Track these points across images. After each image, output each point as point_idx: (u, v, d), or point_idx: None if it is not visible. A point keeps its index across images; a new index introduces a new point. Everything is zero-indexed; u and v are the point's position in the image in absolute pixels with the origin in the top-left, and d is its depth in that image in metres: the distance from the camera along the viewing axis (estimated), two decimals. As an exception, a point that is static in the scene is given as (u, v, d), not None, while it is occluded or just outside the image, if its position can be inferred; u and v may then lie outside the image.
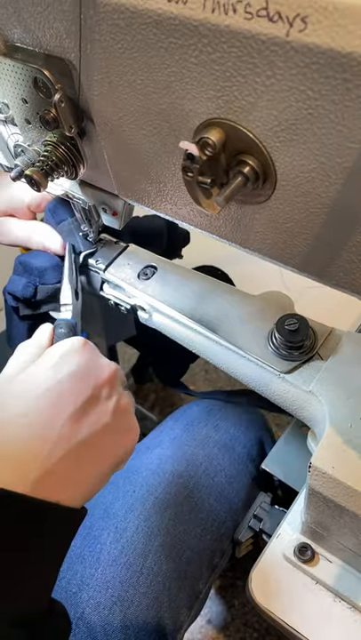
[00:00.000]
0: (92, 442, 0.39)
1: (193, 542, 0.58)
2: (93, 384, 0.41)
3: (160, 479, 0.61)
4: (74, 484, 0.37)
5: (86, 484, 0.39)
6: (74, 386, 0.39)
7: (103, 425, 0.40)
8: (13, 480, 0.34)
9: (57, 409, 0.38)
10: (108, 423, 0.41)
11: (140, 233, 0.55)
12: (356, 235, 0.29)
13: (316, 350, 0.47)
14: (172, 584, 0.55)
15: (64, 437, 0.37)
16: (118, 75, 0.32)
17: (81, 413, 0.39)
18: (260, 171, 0.29)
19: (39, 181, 0.39)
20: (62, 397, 0.39)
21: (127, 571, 0.54)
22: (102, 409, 0.41)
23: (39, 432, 0.37)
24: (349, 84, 0.23)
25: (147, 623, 0.52)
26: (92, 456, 0.39)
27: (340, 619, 0.47)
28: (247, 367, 0.49)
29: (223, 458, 0.65)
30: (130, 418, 0.44)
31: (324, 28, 0.22)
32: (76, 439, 0.38)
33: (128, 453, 0.44)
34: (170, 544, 0.57)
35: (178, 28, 0.27)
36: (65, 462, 0.37)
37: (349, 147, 0.25)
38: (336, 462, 0.40)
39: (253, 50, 0.25)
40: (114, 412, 0.42)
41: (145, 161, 0.37)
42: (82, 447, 0.38)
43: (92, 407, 0.40)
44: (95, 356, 0.43)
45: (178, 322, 0.53)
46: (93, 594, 0.53)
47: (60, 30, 0.32)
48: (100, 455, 0.40)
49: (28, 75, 0.36)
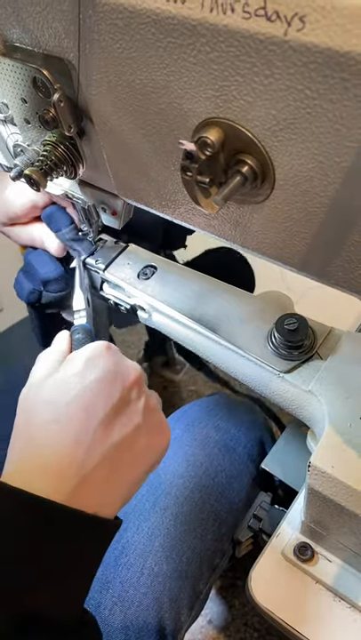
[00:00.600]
0: (126, 445, 0.39)
1: (193, 542, 0.58)
2: (121, 387, 0.40)
3: (160, 480, 0.61)
4: (110, 491, 0.37)
5: (123, 489, 0.38)
6: (102, 390, 0.39)
7: (135, 426, 0.40)
8: (51, 488, 0.34)
9: (88, 414, 0.38)
10: (140, 424, 0.40)
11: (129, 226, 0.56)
12: (354, 234, 0.29)
13: (315, 350, 0.47)
14: (172, 584, 0.55)
15: (98, 442, 0.37)
16: (117, 74, 0.32)
17: (112, 417, 0.39)
18: (258, 170, 0.29)
19: (38, 181, 0.39)
20: (92, 402, 0.38)
21: (128, 571, 0.54)
22: (132, 410, 0.41)
23: (73, 438, 0.36)
24: (347, 84, 0.23)
25: (147, 623, 0.53)
26: (126, 459, 0.39)
27: (340, 618, 0.47)
28: (247, 367, 0.49)
29: (224, 458, 0.65)
30: (160, 417, 0.44)
31: (323, 28, 0.22)
32: (110, 443, 0.38)
33: (162, 454, 0.43)
34: (170, 544, 0.57)
35: (176, 28, 0.27)
36: (101, 468, 0.36)
37: (348, 146, 0.25)
38: (335, 462, 0.40)
39: (252, 49, 0.25)
40: (144, 413, 0.41)
41: (144, 160, 0.37)
42: (116, 451, 0.38)
43: (123, 410, 0.40)
44: (120, 359, 0.43)
45: (177, 321, 0.53)
46: (94, 594, 0.53)
47: (59, 30, 0.32)
48: (134, 458, 0.40)
49: (27, 74, 0.36)
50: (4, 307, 1.37)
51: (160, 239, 0.70)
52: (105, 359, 0.41)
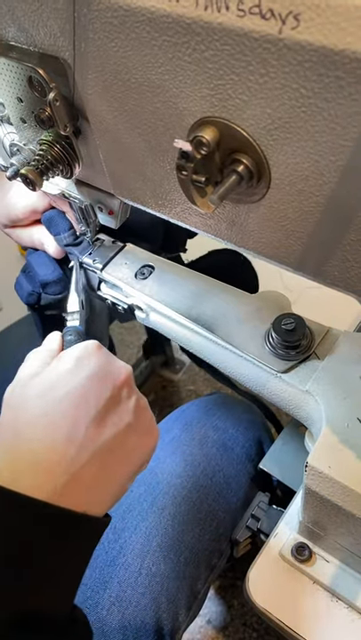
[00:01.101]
0: (117, 443, 0.39)
1: (191, 542, 0.58)
2: (112, 385, 0.40)
3: (158, 479, 0.61)
4: (100, 489, 0.37)
5: (112, 488, 0.38)
6: (94, 388, 0.39)
7: (126, 425, 0.40)
8: (41, 486, 0.34)
9: (80, 411, 0.37)
10: (131, 423, 0.40)
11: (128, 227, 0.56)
12: (350, 233, 0.29)
13: (312, 350, 0.47)
14: (170, 584, 0.55)
15: (89, 440, 0.37)
16: (112, 73, 0.32)
17: (104, 415, 0.39)
18: (254, 169, 0.29)
19: (34, 180, 0.38)
20: (84, 400, 0.38)
21: (125, 571, 0.54)
22: (123, 409, 0.41)
23: (64, 435, 0.36)
24: (342, 82, 0.23)
25: (145, 623, 0.52)
26: (117, 458, 0.39)
27: (338, 618, 0.47)
28: (244, 366, 0.49)
29: (222, 458, 0.65)
30: (150, 417, 0.44)
31: (317, 26, 0.22)
32: (101, 441, 0.38)
33: (150, 454, 0.43)
34: (168, 544, 0.57)
35: (171, 26, 0.26)
36: (90, 467, 0.36)
37: (343, 144, 0.25)
38: (333, 462, 0.40)
39: (246, 47, 0.24)
40: (135, 412, 0.41)
41: (140, 160, 0.37)
42: (107, 450, 0.38)
43: (114, 408, 0.40)
44: (110, 359, 0.43)
45: (175, 321, 0.53)
46: (91, 594, 0.53)
47: (54, 29, 0.32)
48: (125, 457, 0.40)
49: (22, 74, 0.36)
50: (4, 306, 1.37)
51: (160, 240, 0.70)
52: (96, 358, 0.41)
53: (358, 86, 0.22)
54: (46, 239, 0.59)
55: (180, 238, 0.74)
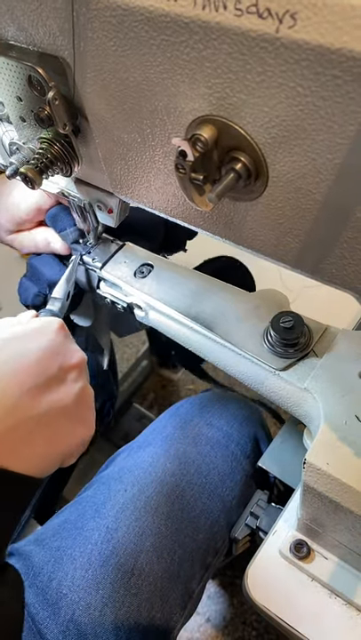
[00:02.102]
0: (48, 421, 0.39)
1: (185, 541, 0.58)
2: (60, 365, 0.40)
3: (152, 478, 0.61)
4: (20, 459, 0.37)
5: (33, 464, 0.38)
6: (40, 361, 0.39)
7: (63, 407, 0.40)
8: None
9: (17, 379, 0.38)
10: (69, 407, 0.40)
11: (129, 225, 0.56)
12: (347, 230, 0.29)
13: (311, 348, 0.47)
14: (164, 584, 0.55)
15: (19, 408, 0.37)
16: (111, 72, 0.32)
17: (42, 390, 0.39)
18: (252, 167, 0.29)
19: (33, 179, 0.39)
20: (25, 369, 0.38)
21: (118, 571, 0.54)
22: (64, 391, 0.40)
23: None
24: (339, 81, 0.23)
25: (138, 624, 0.52)
26: (44, 435, 0.38)
27: (336, 615, 0.47)
28: (243, 364, 0.50)
29: (216, 455, 0.64)
30: (91, 409, 0.44)
31: (314, 25, 0.22)
32: (32, 413, 0.37)
33: (80, 447, 0.43)
34: (162, 544, 0.56)
35: (169, 26, 0.27)
36: (15, 433, 0.36)
37: (340, 143, 0.25)
38: (331, 459, 0.40)
39: (244, 46, 0.25)
40: (77, 398, 0.41)
41: (138, 158, 0.37)
42: (36, 423, 0.38)
43: (55, 387, 0.40)
44: (67, 340, 0.43)
45: (174, 320, 0.54)
46: (84, 595, 0.52)
47: (54, 28, 0.32)
48: (53, 437, 0.39)
49: (22, 73, 0.36)
50: (3, 306, 1.37)
51: (161, 238, 0.70)
52: (53, 335, 0.42)
53: (355, 85, 0.23)
54: (52, 237, 0.59)
55: (180, 238, 0.74)
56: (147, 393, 1.38)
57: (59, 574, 0.54)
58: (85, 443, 0.44)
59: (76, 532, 0.57)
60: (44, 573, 0.54)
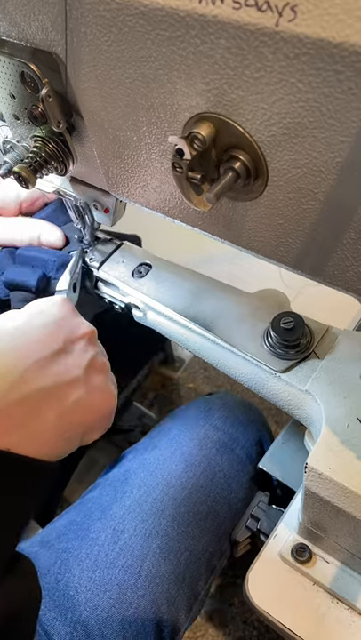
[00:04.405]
0: (57, 393, 0.37)
1: (191, 544, 0.58)
2: (65, 337, 0.40)
3: (158, 480, 0.60)
4: (30, 435, 0.35)
5: (46, 439, 0.36)
6: (45, 334, 0.39)
7: (72, 378, 0.39)
8: None
9: (22, 352, 0.37)
10: (79, 378, 0.39)
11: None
12: (349, 231, 0.28)
13: (312, 349, 0.47)
14: (170, 586, 0.55)
15: (24, 381, 0.36)
16: (106, 68, 0.31)
17: (48, 362, 0.38)
18: (251, 166, 0.29)
19: (27, 178, 0.38)
20: (31, 342, 0.38)
21: (125, 573, 0.54)
22: (73, 362, 0.39)
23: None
24: (341, 76, 0.22)
25: (145, 626, 0.52)
26: (55, 409, 0.37)
27: (338, 620, 0.46)
28: (243, 366, 0.49)
29: (222, 458, 0.64)
30: (106, 378, 0.43)
31: (315, 18, 0.21)
32: (38, 385, 0.36)
33: (101, 418, 0.42)
34: (168, 546, 0.56)
35: (165, 19, 0.26)
36: (22, 407, 0.35)
37: (342, 140, 0.24)
38: (332, 463, 0.39)
39: (242, 41, 0.24)
40: (88, 368, 0.40)
41: (134, 157, 0.36)
42: (43, 396, 0.36)
43: (62, 359, 0.39)
44: (73, 314, 0.42)
45: (173, 320, 0.53)
46: (91, 596, 0.52)
47: (46, 22, 0.31)
48: (65, 411, 0.38)
49: (15, 69, 0.35)
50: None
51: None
52: (58, 308, 0.41)
53: (357, 80, 0.22)
54: (46, 230, 0.58)
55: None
56: (147, 392, 1.38)
57: (65, 575, 0.54)
58: (108, 415, 0.42)
59: (83, 533, 0.57)
60: (51, 575, 0.53)
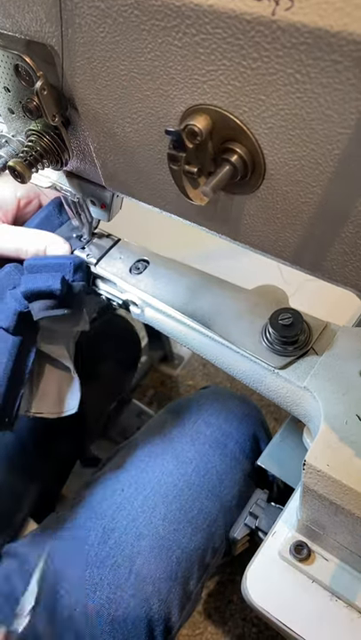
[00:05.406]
0: None
1: (183, 542, 0.57)
2: None
3: (149, 477, 0.60)
4: None
5: None
6: None
7: None
8: None
9: None
10: None
11: None
12: (348, 225, 0.28)
13: (310, 345, 0.46)
14: (161, 585, 0.54)
15: None
16: (101, 60, 0.30)
17: None
18: (248, 159, 0.28)
19: (22, 173, 0.37)
20: None
21: (115, 572, 0.53)
22: None
23: None
24: (339, 66, 0.22)
25: (136, 626, 0.51)
26: None
27: (337, 618, 0.46)
28: (241, 363, 0.48)
29: (214, 454, 0.63)
30: None
31: (312, 6, 0.21)
32: None
33: None
34: (159, 544, 0.56)
35: (160, 10, 0.25)
36: None
37: (340, 132, 0.24)
38: (331, 460, 0.39)
39: (238, 30, 0.23)
40: None
41: (130, 150, 0.36)
42: None
43: None
44: None
45: (170, 317, 0.52)
46: (81, 596, 0.52)
47: (40, 14, 0.31)
48: None
49: (9, 62, 0.35)
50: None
51: None
52: None
53: (356, 70, 0.21)
54: (52, 242, 0.54)
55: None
56: (146, 390, 1.37)
57: (55, 575, 0.53)
58: None
59: (72, 532, 0.56)
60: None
